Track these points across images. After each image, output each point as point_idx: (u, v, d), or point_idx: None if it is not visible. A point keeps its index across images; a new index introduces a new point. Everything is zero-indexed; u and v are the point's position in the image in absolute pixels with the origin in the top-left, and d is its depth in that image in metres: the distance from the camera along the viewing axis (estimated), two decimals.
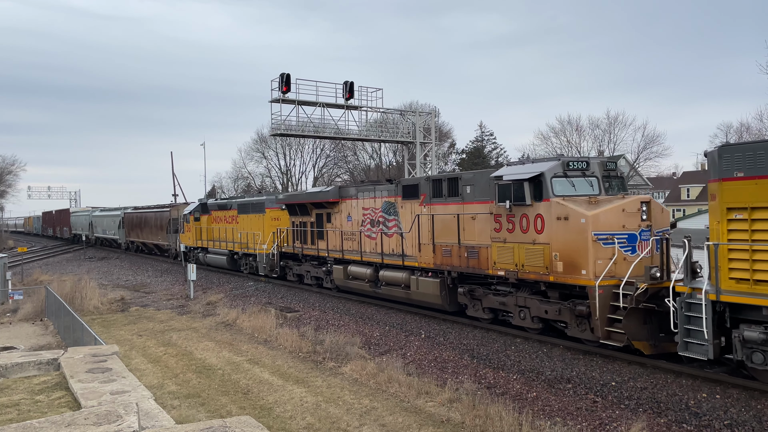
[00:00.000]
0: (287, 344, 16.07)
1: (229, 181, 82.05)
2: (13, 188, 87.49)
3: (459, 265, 16.02)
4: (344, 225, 21.85)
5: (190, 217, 36.18)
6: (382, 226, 19.63)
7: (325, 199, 22.76)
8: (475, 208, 15.62)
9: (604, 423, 10.10)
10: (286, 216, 26.59)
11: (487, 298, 15.55)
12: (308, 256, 24.38)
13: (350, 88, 33.11)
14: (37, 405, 4.69)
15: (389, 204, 19.38)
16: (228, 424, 3.64)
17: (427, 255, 17.29)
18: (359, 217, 20.98)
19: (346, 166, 71.23)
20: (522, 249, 14.00)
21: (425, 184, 17.60)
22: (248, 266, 29.63)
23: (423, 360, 14.43)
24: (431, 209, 17.20)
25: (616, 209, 12.86)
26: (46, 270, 38.63)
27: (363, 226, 20.69)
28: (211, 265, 34.08)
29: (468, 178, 16.12)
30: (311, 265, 24.33)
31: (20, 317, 22.30)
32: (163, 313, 22.59)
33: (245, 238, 29.39)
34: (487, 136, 68.61)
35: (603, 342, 12.37)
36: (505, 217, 14.42)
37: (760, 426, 9.34)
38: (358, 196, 21.15)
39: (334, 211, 22.51)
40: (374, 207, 20.19)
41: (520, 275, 14.15)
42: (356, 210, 21.21)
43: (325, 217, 23.04)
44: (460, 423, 10.15)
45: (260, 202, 28.98)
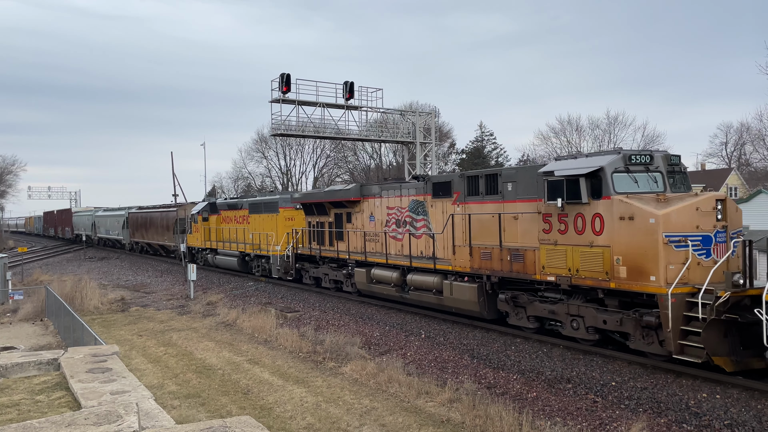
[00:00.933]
0: (287, 344, 16.07)
1: (229, 181, 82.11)
2: (13, 188, 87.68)
3: (500, 269, 14.70)
4: (366, 225, 20.78)
5: (198, 217, 35.13)
6: (410, 227, 18.51)
7: (345, 198, 21.62)
8: (517, 207, 14.35)
9: (604, 423, 10.10)
10: (301, 216, 25.64)
11: (533, 306, 14.25)
12: (326, 258, 23.16)
13: (350, 88, 33.13)
14: (37, 405, 4.69)
15: (417, 203, 18.20)
16: (228, 424, 3.64)
17: (462, 258, 15.97)
18: (383, 217, 19.91)
19: (346, 166, 71.24)
20: (576, 252, 12.67)
21: (459, 181, 16.37)
22: (260, 268, 28.71)
23: (423, 360, 14.43)
24: (466, 208, 16.00)
25: (689, 208, 11.54)
26: (46, 270, 38.62)
27: (387, 227, 19.59)
28: (221, 267, 33.04)
29: (509, 175, 14.86)
30: (330, 268, 23.14)
31: (20, 317, 22.30)
32: (164, 313, 22.59)
33: (257, 239, 28.30)
34: (487, 136, 68.64)
35: (676, 357, 11.13)
36: (556, 217, 13.12)
37: (760, 426, 9.34)
38: (381, 195, 20.00)
39: (355, 211, 21.39)
40: (400, 206, 19.06)
41: (574, 281, 12.81)
42: (380, 209, 20.12)
43: (344, 217, 21.93)
44: (460, 423, 10.15)
45: (273, 201, 27.86)
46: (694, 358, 10.77)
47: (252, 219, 29.31)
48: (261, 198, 30.19)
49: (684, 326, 10.98)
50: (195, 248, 36.33)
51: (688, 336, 10.95)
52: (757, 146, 54.34)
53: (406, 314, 18.85)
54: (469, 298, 15.78)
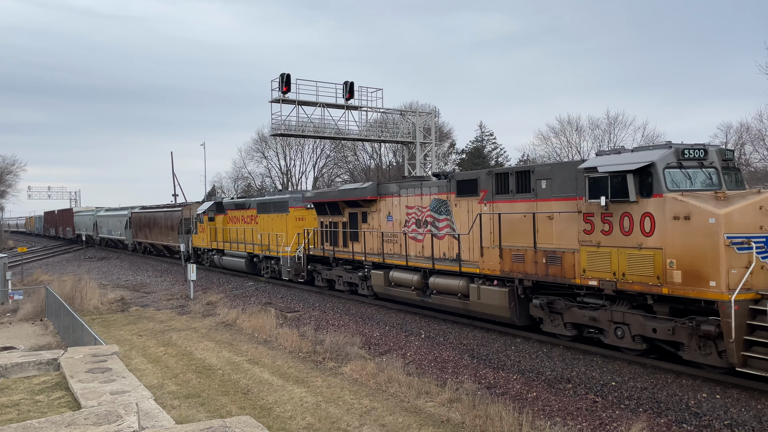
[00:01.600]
0: (287, 344, 16.07)
1: (229, 181, 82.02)
2: (13, 188, 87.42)
3: (534, 272, 13.72)
4: (384, 225, 19.85)
5: (203, 216, 34.16)
6: (431, 227, 17.60)
7: (361, 196, 20.66)
8: (552, 206, 13.45)
9: (604, 423, 10.10)
10: (312, 216, 24.86)
11: (571, 312, 13.26)
12: (340, 259, 22.19)
13: (350, 88, 33.13)
14: (37, 405, 4.69)
15: (440, 202, 17.26)
16: (228, 424, 3.64)
17: (491, 260, 15.00)
18: (402, 217, 19.03)
19: (346, 167, 71.19)
20: (623, 255, 11.73)
21: (486, 178, 15.50)
22: (269, 270, 27.78)
23: (423, 360, 14.43)
24: (494, 207, 15.13)
25: (752, 206, 10.59)
26: (46, 270, 38.62)
27: (407, 227, 18.68)
28: (228, 269, 32.05)
29: (543, 172, 13.95)
30: (344, 270, 22.15)
31: (20, 317, 22.29)
32: (163, 313, 22.59)
33: (266, 239, 27.37)
34: (487, 136, 68.58)
35: (738, 369, 10.27)
36: (599, 217, 12.22)
37: (760, 426, 9.34)
38: (400, 194, 19.09)
39: (371, 210, 20.50)
40: (420, 205, 18.13)
41: (620, 286, 11.87)
42: (398, 209, 19.21)
43: (360, 217, 21.06)
44: (460, 423, 10.14)
45: (283, 200, 26.82)
46: (760, 371, 9.91)
47: (260, 219, 28.45)
48: (270, 197, 29.07)
49: (748, 336, 10.11)
50: (200, 249, 35.47)
51: (752, 347, 10.11)
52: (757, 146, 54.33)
53: (406, 314, 18.85)
54: (498, 303, 14.76)
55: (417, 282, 17.94)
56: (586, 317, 12.99)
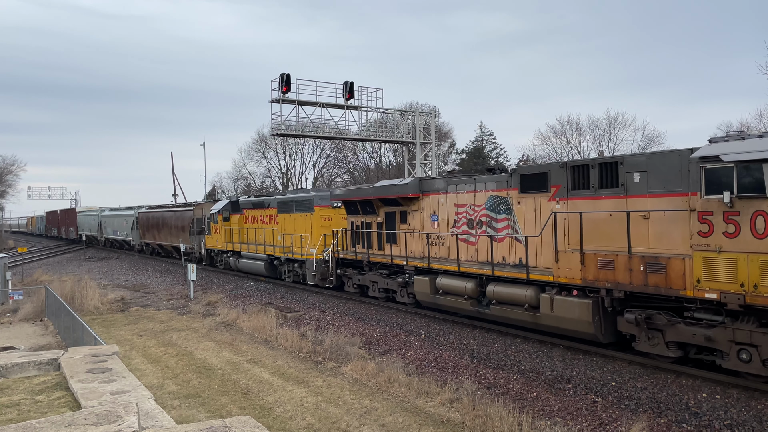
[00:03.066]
0: (287, 344, 16.07)
1: (229, 181, 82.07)
2: (13, 188, 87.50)
3: (628, 281, 11.65)
4: (427, 226, 18.18)
5: (218, 216, 32.48)
6: (487, 228, 15.90)
7: (400, 194, 18.94)
8: (649, 203, 11.67)
9: (604, 423, 10.10)
10: (339, 215, 23.56)
11: (676, 329, 11.26)
12: (375, 263, 20.45)
13: (350, 88, 33.13)
14: (37, 405, 4.69)
15: (498, 199, 15.57)
16: (228, 424, 3.64)
17: (569, 267, 12.93)
18: (450, 216, 17.30)
19: (346, 167, 71.24)
20: (754, 262, 9.85)
21: (559, 172, 13.73)
22: (292, 274, 26.09)
23: (423, 360, 14.43)
24: (570, 205, 13.38)
25: None
26: (46, 270, 38.64)
27: (456, 227, 16.97)
28: (245, 272, 30.32)
29: (636, 163, 12.09)
30: (379, 275, 20.30)
31: (20, 317, 22.30)
32: (164, 313, 22.59)
33: (288, 240, 25.72)
34: (487, 136, 68.62)
35: None
36: (721, 216, 10.32)
37: (760, 426, 9.34)
38: (448, 190, 17.34)
39: (412, 209, 18.77)
40: (473, 203, 16.39)
41: (750, 300, 9.94)
42: (445, 207, 17.47)
43: (398, 217, 19.40)
44: (460, 423, 10.15)
45: (307, 199, 25.17)
46: None
47: (281, 219, 26.87)
48: (292, 195, 27.23)
49: None
50: (214, 250, 34.00)
51: None
52: None
53: (406, 314, 18.85)
54: (578, 316, 12.69)
55: (471, 290, 15.89)
56: (698, 336, 10.93)
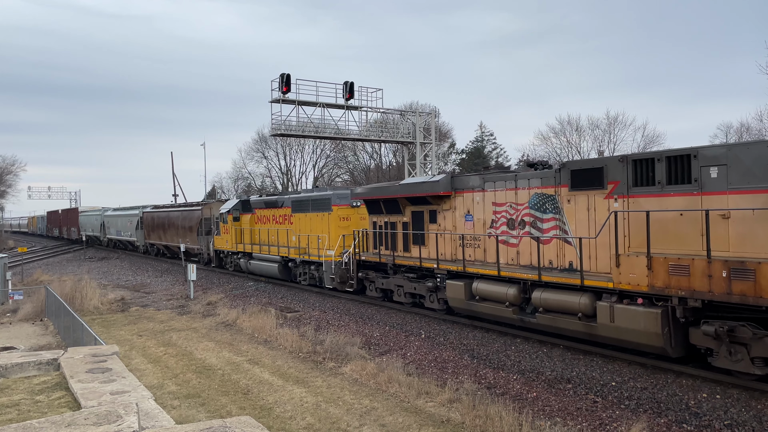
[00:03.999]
0: (287, 344, 16.07)
1: (229, 182, 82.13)
2: (13, 188, 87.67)
3: (707, 289, 10.42)
4: (460, 226, 17.06)
5: (227, 216, 31.25)
6: (531, 228, 14.79)
7: (431, 192, 17.75)
8: (730, 201, 10.69)
9: (604, 423, 10.10)
10: (358, 215, 22.70)
11: (764, 344, 10.19)
12: (402, 266, 19.19)
13: (350, 88, 33.15)
14: (37, 405, 4.69)
15: (544, 197, 14.46)
16: (228, 424, 3.64)
17: (633, 272, 11.63)
18: (487, 216, 16.18)
19: (346, 167, 71.29)
20: None
21: (618, 167, 12.61)
22: (308, 276, 24.89)
23: (423, 360, 14.43)
24: (632, 203, 12.27)
25: None
26: (46, 270, 38.64)
27: (494, 228, 15.88)
28: (256, 274, 29.20)
29: (714, 155, 10.99)
30: (405, 279, 19.04)
31: (20, 317, 22.30)
32: (163, 313, 22.60)
33: (304, 241, 24.59)
34: (487, 136, 68.68)
35: None
36: None
37: (760, 426, 9.35)
38: (485, 188, 16.23)
39: (443, 208, 17.62)
40: (515, 202, 15.32)
41: None
42: (481, 206, 16.33)
43: (427, 216, 18.29)
44: (460, 423, 10.15)
45: (325, 198, 23.97)
46: None
47: (296, 219, 25.74)
48: (308, 194, 26.07)
49: None
50: (223, 251, 32.88)
51: None
52: None
53: (406, 314, 18.85)
54: (645, 327, 11.46)
55: (513, 296, 14.68)
56: None
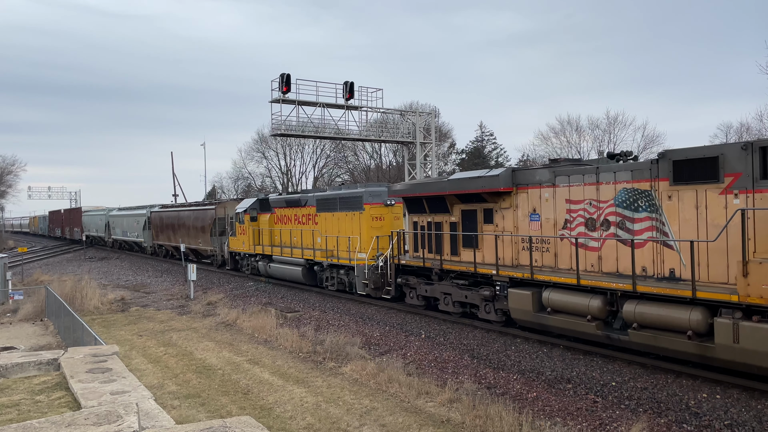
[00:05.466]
0: (287, 344, 16.08)
1: (229, 182, 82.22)
2: (13, 188, 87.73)
3: None
4: (523, 226, 15.33)
5: (244, 216, 29.68)
6: (617, 229, 13.00)
7: (488, 188, 15.79)
8: None
9: (604, 423, 10.10)
10: (392, 214, 21.35)
11: None
12: (451, 272, 17.18)
13: (350, 88, 33.16)
14: (37, 405, 4.69)
15: (635, 193, 12.65)
16: (228, 424, 3.64)
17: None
18: (557, 215, 14.39)
19: (346, 167, 71.33)
20: None
21: (739, 155, 10.82)
22: (337, 282, 23.07)
23: (423, 360, 14.43)
24: (759, 200, 10.57)
25: None
26: (46, 270, 38.64)
27: (568, 229, 14.10)
28: (277, 278, 27.29)
29: None
30: (454, 286, 17.00)
31: (20, 317, 22.30)
32: (164, 314, 22.60)
33: (331, 243, 22.97)
34: (487, 136, 68.72)
35: None
36: None
37: (760, 426, 9.35)
38: (555, 183, 14.42)
39: (501, 207, 15.85)
40: (596, 199, 13.48)
41: None
42: (551, 204, 14.57)
43: (481, 216, 16.48)
44: (461, 423, 10.15)
45: (356, 196, 22.23)
46: None
47: (321, 218, 24.10)
48: (336, 192, 24.10)
49: None
50: (239, 253, 31.26)
51: None
52: None
53: (406, 314, 18.84)
54: None
55: (597, 309, 12.69)
56: None
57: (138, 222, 46.79)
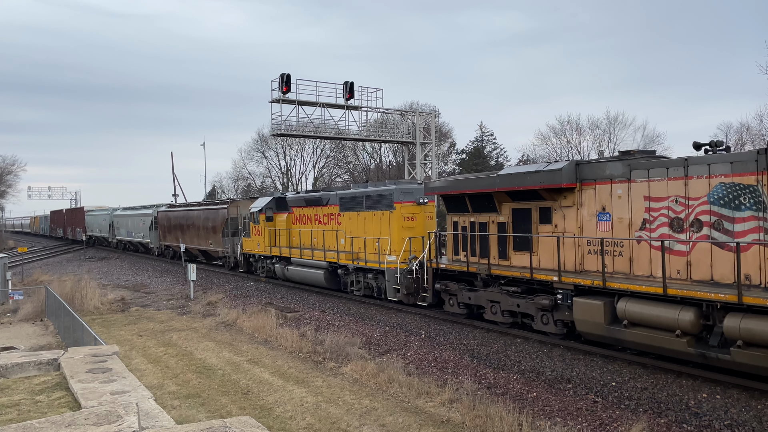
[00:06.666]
0: (287, 344, 16.07)
1: (229, 182, 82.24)
2: (13, 188, 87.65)
3: None
4: (589, 227, 13.62)
5: (259, 216, 28.05)
6: (711, 230, 11.40)
7: (547, 183, 14.07)
8: None
9: (604, 423, 10.10)
10: (425, 214, 20.03)
11: None
12: (499, 277, 15.52)
13: (350, 88, 33.17)
14: (37, 405, 4.69)
15: (737, 189, 11.03)
16: (228, 424, 3.64)
17: None
18: (633, 214, 12.69)
19: (346, 167, 71.33)
20: None
21: None
22: (364, 286, 21.59)
23: (423, 360, 14.43)
24: None
25: None
26: (46, 270, 38.64)
27: (646, 230, 12.42)
28: (296, 282, 25.71)
29: None
30: (503, 293, 15.35)
31: (20, 317, 22.30)
32: (164, 314, 22.60)
33: (357, 245, 21.53)
34: (487, 136, 68.67)
35: None
36: None
37: (760, 426, 9.35)
38: (631, 177, 12.71)
39: (561, 205, 14.20)
40: (683, 195, 11.84)
41: None
42: (624, 201, 12.83)
43: (536, 215, 14.88)
44: (461, 423, 10.15)
45: (386, 193, 20.63)
46: None
47: (345, 218, 22.57)
48: (362, 189, 22.47)
49: None
50: (254, 255, 29.60)
51: None
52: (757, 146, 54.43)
53: (406, 314, 18.84)
54: None
55: (689, 323, 11.04)
56: None
57: (144, 222, 45.07)
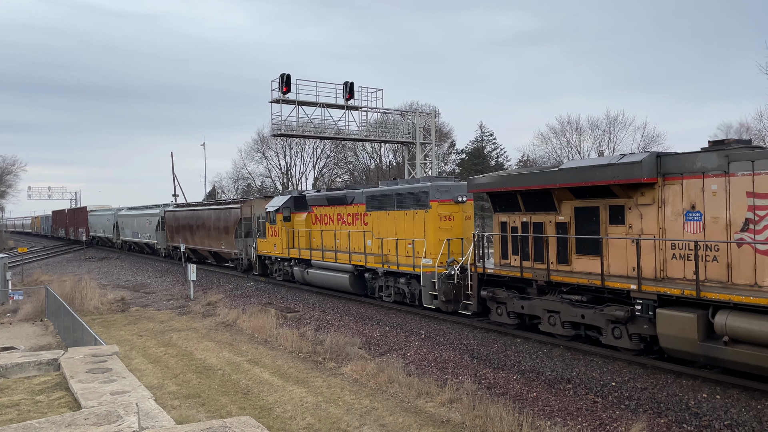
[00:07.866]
0: (287, 344, 16.07)
1: (229, 182, 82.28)
2: (13, 188, 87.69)
3: None
4: (674, 228, 11.92)
5: (276, 215, 26.45)
6: None
7: (622, 178, 12.37)
8: None
9: (604, 423, 10.10)
10: (464, 213, 18.41)
11: None
12: (561, 285, 13.85)
13: (350, 88, 33.18)
14: (37, 405, 4.69)
15: None
16: (228, 425, 3.64)
17: None
18: (734, 214, 10.94)
19: (346, 167, 71.34)
20: None
21: None
22: (394, 291, 19.83)
23: (423, 360, 14.43)
24: None
25: None
26: (46, 270, 38.65)
27: (749, 231, 10.73)
28: (317, 286, 24.09)
29: None
30: (564, 302, 13.71)
31: (20, 317, 22.30)
32: (164, 314, 22.60)
33: (387, 246, 19.94)
34: (487, 136, 68.68)
35: None
36: None
37: (760, 426, 9.35)
38: (729, 171, 10.95)
39: (637, 202, 12.50)
40: None
41: None
42: (721, 198, 11.11)
43: (604, 214, 13.21)
44: (461, 423, 10.15)
45: (421, 191, 18.76)
46: None
47: (373, 218, 20.88)
48: (393, 187, 20.62)
49: None
50: (270, 257, 27.91)
51: None
52: None
53: (406, 314, 18.84)
54: None
55: None
56: None
57: (150, 222, 43.34)
